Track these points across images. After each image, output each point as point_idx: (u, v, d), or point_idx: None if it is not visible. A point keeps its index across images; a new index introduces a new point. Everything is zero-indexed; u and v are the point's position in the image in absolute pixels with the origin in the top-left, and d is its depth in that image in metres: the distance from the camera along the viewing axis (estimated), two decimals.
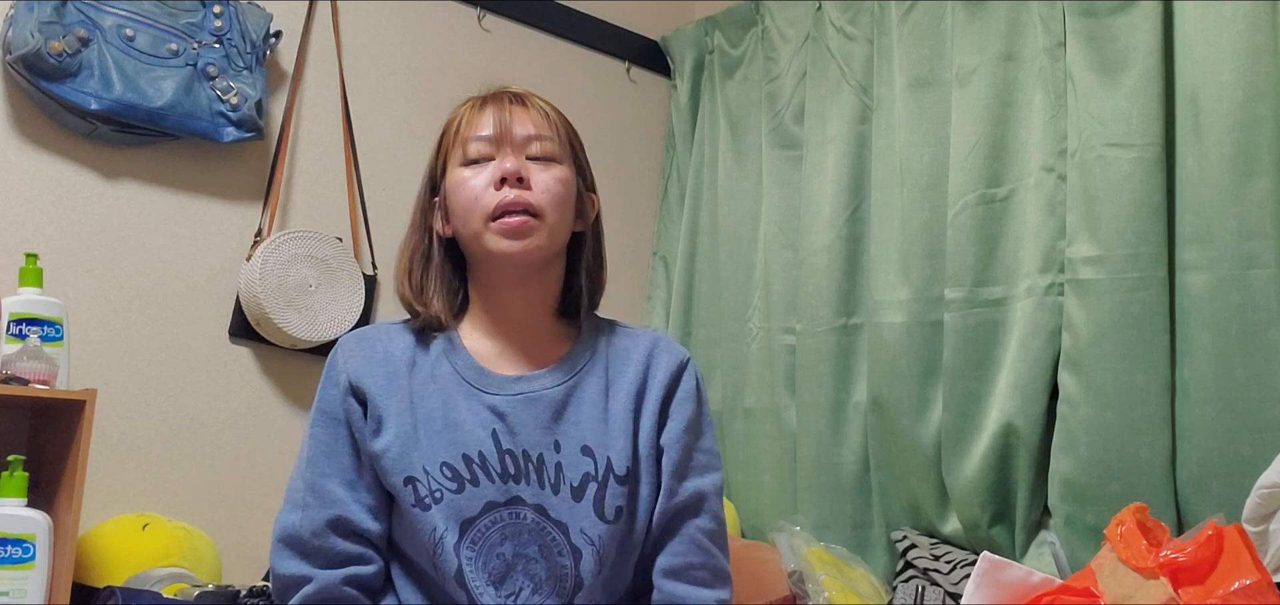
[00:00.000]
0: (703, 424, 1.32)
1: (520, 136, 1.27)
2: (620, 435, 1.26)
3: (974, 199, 1.94)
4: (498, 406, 1.24)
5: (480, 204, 1.24)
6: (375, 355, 1.27)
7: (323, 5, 2.21)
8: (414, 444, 1.22)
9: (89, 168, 1.92)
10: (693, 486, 1.27)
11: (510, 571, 1.21)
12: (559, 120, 1.32)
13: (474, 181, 1.26)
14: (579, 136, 1.36)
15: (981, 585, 1.52)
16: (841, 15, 2.28)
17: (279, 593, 1.21)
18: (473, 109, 1.31)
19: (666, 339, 1.37)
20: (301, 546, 1.20)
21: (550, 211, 1.25)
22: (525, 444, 1.23)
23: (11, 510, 1.52)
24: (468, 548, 1.20)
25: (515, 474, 1.22)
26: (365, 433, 1.24)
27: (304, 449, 1.26)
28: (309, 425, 1.26)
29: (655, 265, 2.69)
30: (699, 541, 1.26)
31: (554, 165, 1.28)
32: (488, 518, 1.21)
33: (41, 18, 1.78)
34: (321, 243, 2.06)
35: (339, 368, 1.27)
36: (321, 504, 1.21)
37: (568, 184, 1.29)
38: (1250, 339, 1.59)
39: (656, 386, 1.30)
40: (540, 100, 1.32)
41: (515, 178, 1.24)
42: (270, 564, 1.23)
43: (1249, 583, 1.23)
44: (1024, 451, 1.83)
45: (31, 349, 1.60)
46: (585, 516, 1.22)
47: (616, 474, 1.24)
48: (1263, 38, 1.61)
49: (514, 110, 1.29)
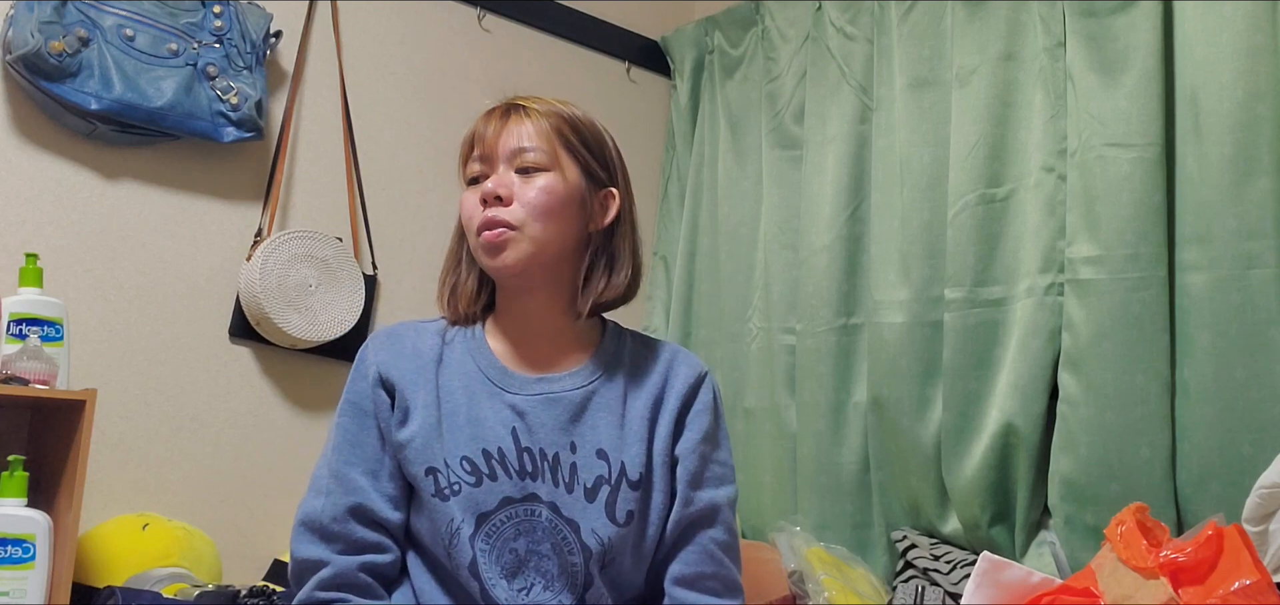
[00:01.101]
0: (720, 436, 1.35)
1: (506, 151, 1.29)
2: (636, 442, 1.29)
3: (974, 199, 1.94)
4: (518, 405, 1.28)
5: (472, 222, 1.30)
6: (404, 349, 1.31)
7: (323, 5, 2.21)
8: (437, 436, 1.25)
9: (89, 168, 1.92)
10: (707, 497, 1.30)
11: (522, 566, 1.23)
12: (560, 125, 1.31)
13: (469, 200, 1.31)
14: (594, 135, 1.34)
15: (981, 585, 1.52)
16: (841, 15, 2.28)
17: (296, 575, 1.24)
18: (479, 123, 1.34)
19: (686, 352, 1.40)
20: (321, 530, 1.23)
21: (531, 223, 1.27)
22: (543, 443, 1.26)
23: (11, 510, 1.52)
24: (482, 541, 1.23)
25: (532, 471, 1.25)
26: (392, 423, 1.27)
27: (330, 438, 1.29)
28: (336, 416, 1.30)
29: (655, 265, 2.69)
30: (711, 552, 1.28)
31: (540, 175, 1.28)
32: (503, 513, 1.23)
33: (41, 18, 1.78)
34: (321, 243, 2.06)
35: (368, 361, 1.31)
36: (344, 491, 1.25)
37: (554, 192, 1.28)
38: (1250, 339, 1.59)
39: (674, 397, 1.32)
40: (540, 107, 1.32)
41: (493, 197, 1.27)
42: (290, 547, 1.26)
43: (1249, 583, 1.23)
44: (1024, 451, 1.83)
45: (31, 349, 1.61)
46: (597, 517, 1.25)
47: (629, 479, 1.27)
48: (1263, 38, 1.61)
49: (504, 125, 1.31)
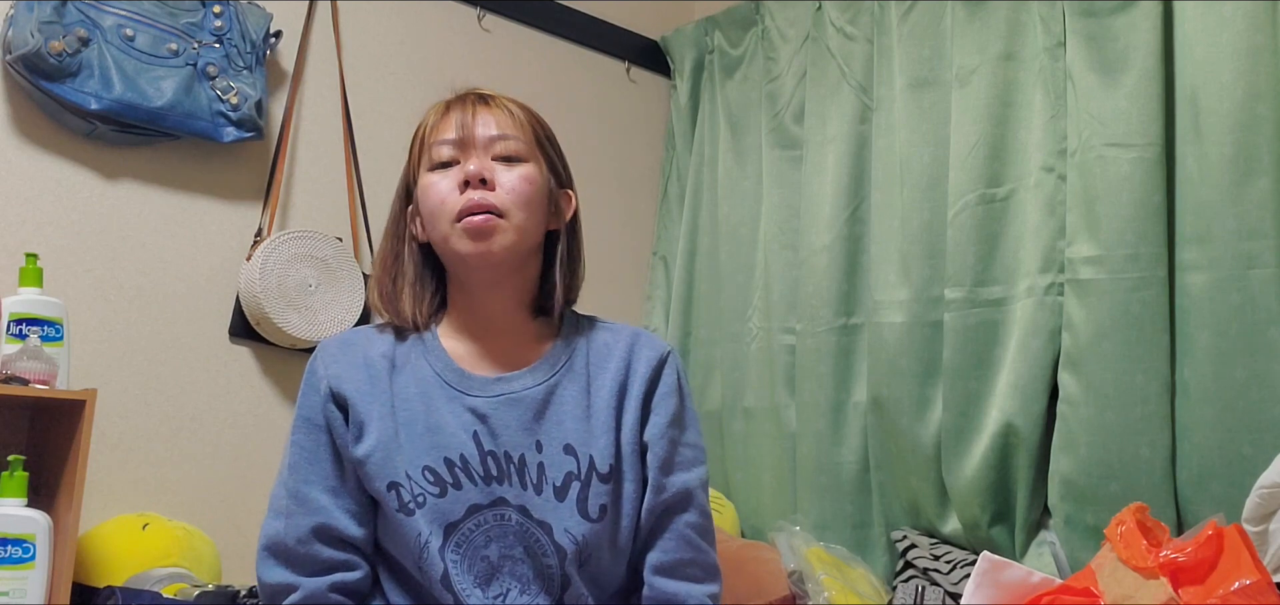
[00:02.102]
0: (686, 418, 1.32)
1: (484, 137, 1.26)
2: (603, 433, 1.25)
3: (974, 199, 1.94)
4: (478, 408, 1.23)
5: (446, 207, 1.24)
6: (356, 360, 1.26)
7: (323, 5, 2.21)
8: (396, 448, 1.21)
9: (89, 168, 1.92)
10: (680, 481, 1.27)
11: (496, 573, 1.20)
12: (527, 118, 1.31)
13: (440, 185, 1.25)
14: (552, 133, 1.34)
15: (981, 585, 1.52)
16: (841, 15, 2.28)
17: (266, 601, 1.21)
18: (439, 113, 1.30)
19: (646, 333, 1.36)
20: (286, 555, 1.20)
21: (515, 211, 1.24)
22: (507, 445, 1.22)
23: (11, 510, 1.52)
24: (453, 551, 1.19)
25: (498, 475, 1.21)
26: (347, 439, 1.23)
27: (286, 456, 1.25)
28: (291, 432, 1.25)
29: (655, 265, 2.69)
30: (688, 538, 1.26)
31: (519, 164, 1.26)
32: (472, 521, 1.20)
33: (41, 18, 1.78)
34: (321, 243, 2.06)
35: (319, 374, 1.26)
36: (305, 511, 1.21)
37: (534, 182, 1.27)
38: (1250, 339, 1.59)
39: (638, 382, 1.29)
40: (507, 100, 1.31)
41: (478, 179, 1.23)
42: (256, 573, 1.22)
43: (1249, 583, 1.23)
44: (1024, 451, 1.83)
45: (31, 349, 1.60)
46: (569, 516, 1.22)
47: (599, 472, 1.24)
48: (1263, 38, 1.61)
49: (478, 111, 1.28)
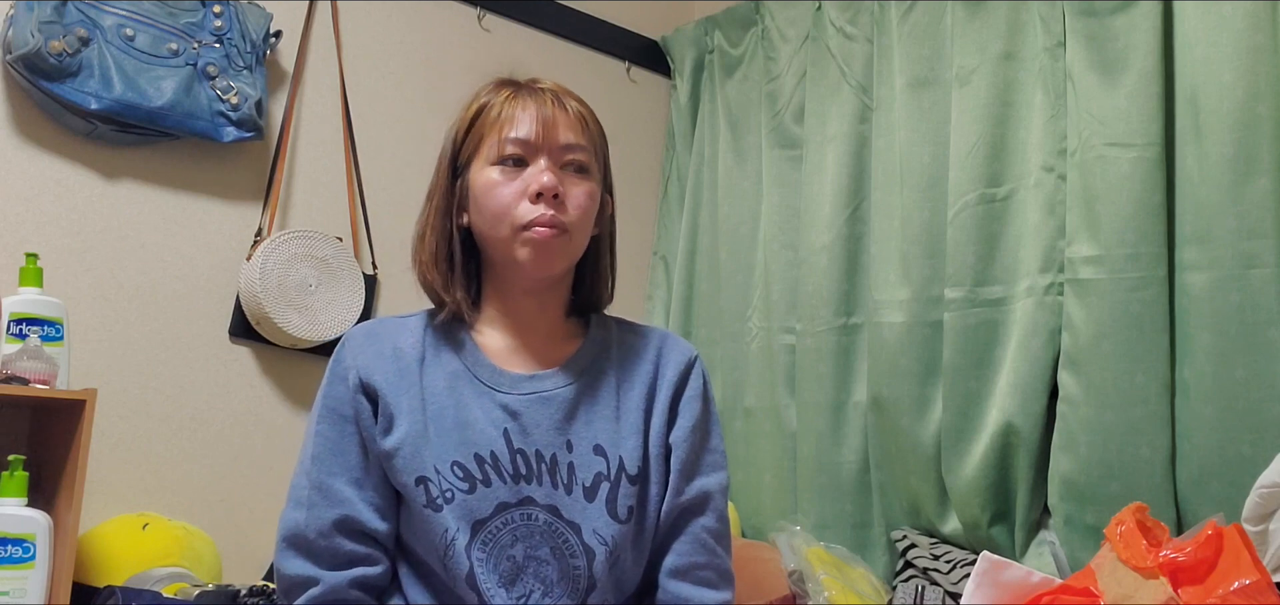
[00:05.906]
0: (710, 423, 1.32)
1: (556, 144, 1.23)
2: (632, 434, 1.24)
3: (974, 199, 1.94)
4: (510, 405, 1.22)
5: (512, 215, 1.20)
6: (385, 351, 1.24)
7: (323, 5, 2.20)
8: (425, 442, 1.19)
9: (89, 168, 1.92)
10: (700, 485, 1.27)
11: (520, 574, 1.18)
12: (594, 126, 1.29)
13: (506, 191, 1.21)
14: (605, 137, 1.32)
15: (981, 585, 1.52)
16: (841, 15, 2.28)
17: (284, 593, 1.19)
18: (509, 99, 1.24)
19: (673, 336, 1.36)
20: (307, 547, 1.18)
21: (578, 228, 1.23)
22: (538, 444, 1.20)
23: (11, 510, 1.52)
24: (479, 549, 1.17)
25: (527, 474, 1.19)
26: (375, 431, 1.20)
27: (308, 445, 1.22)
28: (314, 421, 1.23)
29: (655, 265, 2.69)
30: (704, 541, 1.26)
31: (586, 179, 1.25)
32: (499, 519, 1.18)
33: (41, 17, 1.78)
34: (321, 242, 2.06)
35: (347, 363, 1.23)
36: (328, 503, 1.18)
37: (595, 198, 1.26)
38: (1250, 339, 1.59)
39: (666, 384, 1.28)
40: (578, 104, 1.27)
41: (552, 194, 1.20)
42: (275, 563, 1.21)
43: (1249, 583, 1.23)
44: (1024, 451, 1.83)
45: (31, 349, 1.60)
46: (598, 517, 1.20)
47: (628, 473, 1.22)
48: (1263, 38, 1.61)
49: (557, 114, 1.23)
